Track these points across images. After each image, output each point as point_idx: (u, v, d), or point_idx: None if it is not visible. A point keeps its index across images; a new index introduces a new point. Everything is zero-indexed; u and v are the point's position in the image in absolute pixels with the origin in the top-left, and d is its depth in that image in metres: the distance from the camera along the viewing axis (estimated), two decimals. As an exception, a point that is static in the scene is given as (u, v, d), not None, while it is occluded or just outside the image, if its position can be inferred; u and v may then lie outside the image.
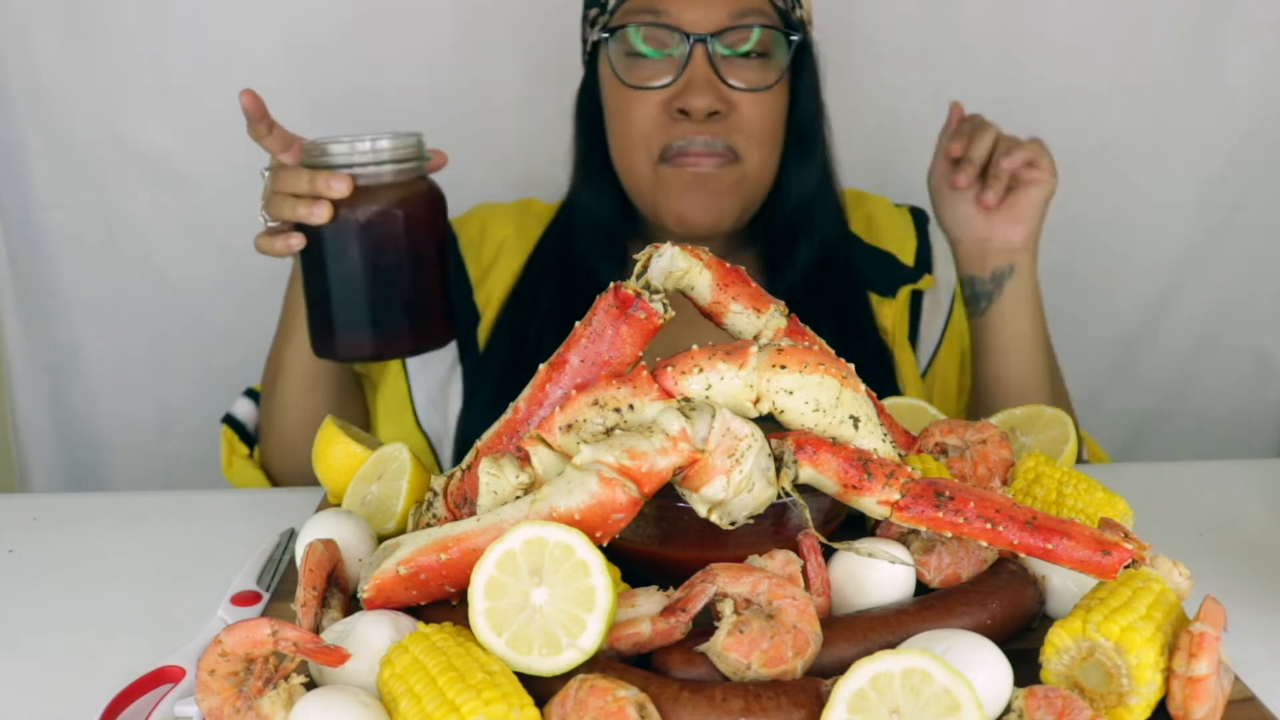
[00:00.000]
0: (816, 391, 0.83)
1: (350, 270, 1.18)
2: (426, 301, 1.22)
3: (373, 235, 1.17)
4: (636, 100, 1.32)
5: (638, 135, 1.34)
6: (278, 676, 0.74)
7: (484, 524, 0.79)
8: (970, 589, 0.84)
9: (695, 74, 1.29)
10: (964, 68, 1.85)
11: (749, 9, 1.31)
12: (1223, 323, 1.99)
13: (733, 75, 1.30)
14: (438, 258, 1.23)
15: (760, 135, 1.33)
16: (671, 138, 1.32)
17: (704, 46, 1.29)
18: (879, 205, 1.55)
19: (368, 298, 1.19)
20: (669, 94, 1.31)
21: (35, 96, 1.80)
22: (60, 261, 1.88)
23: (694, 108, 1.29)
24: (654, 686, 0.73)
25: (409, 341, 1.23)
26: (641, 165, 1.35)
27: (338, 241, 1.17)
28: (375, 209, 1.16)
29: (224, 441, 1.44)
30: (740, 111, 1.31)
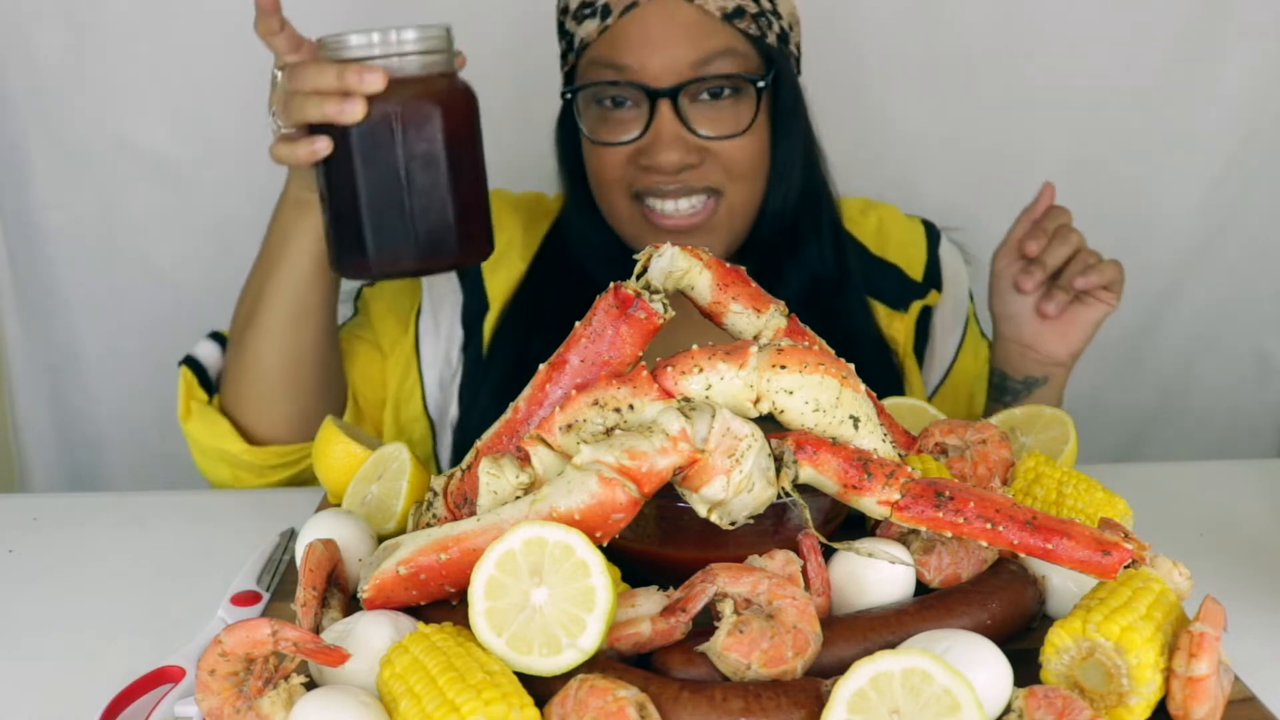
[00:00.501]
0: (816, 391, 0.83)
1: (387, 175, 1.07)
2: (471, 206, 1.12)
3: (412, 133, 1.07)
4: (607, 152, 1.29)
5: (610, 181, 1.30)
6: (278, 676, 0.74)
7: (484, 524, 0.79)
8: (970, 589, 0.84)
9: (662, 130, 1.24)
10: (964, 68, 1.85)
11: (714, 52, 1.24)
12: (1223, 323, 1.99)
13: (703, 123, 1.25)
14: (477, 161, 1.13)
15: (741, 172, 1.29)
16: (644, 183, 1.28)
17: (668, 101, 1.23)
18: (889, 214, 1.52)
19: (409, 204, 1.08)
20: (636, 148, 1.27)
21: (35, 96, 1.80)
22: (60, 261, 1.88)
23: (662, 165, 1.24)
24: (654, 686, 0.73)
25: (455, 252, 1.13)
26: (619, 204, 1.32)
27: (372, 141, 1.07)
28: (414, 104, 1.06)
29: (182, 385, 1.33)
30: (715, 155, 1.27)
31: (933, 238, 1.50)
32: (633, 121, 1.26)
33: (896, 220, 1.51)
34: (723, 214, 1.30)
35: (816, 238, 1.37)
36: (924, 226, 1.51)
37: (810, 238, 1.37)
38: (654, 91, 1.23)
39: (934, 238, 1.51)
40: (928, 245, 1.49)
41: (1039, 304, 1.29)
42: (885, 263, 1.46)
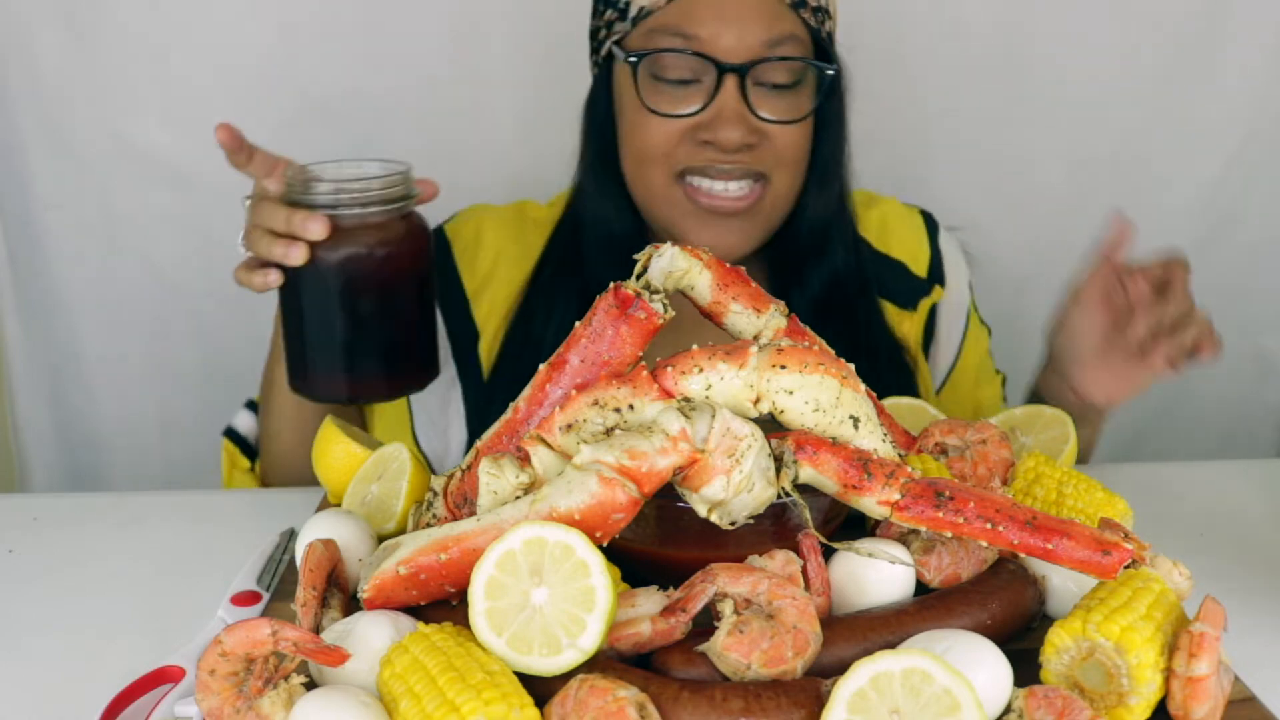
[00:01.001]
0: (816, 391, 0.83)
1: (326, 313, 1.14)
2: (405, 345, 1.18)
3: (350, 279, 1.12)
4: (658, 123, 1.26)
5: (657, 154, 1.27)
6: (278, 676, 0.74)
7: (484, 524, 0.79)
8: (970, 589, 0.84)
9: (725, 106, 1.23)
10: (964, 69, 1.85)
11: (784, 36, 1.24)
12: (1223, 322, 1.99)
13: (763, 106, 1.24)
14: (419, 297, 1.18)
15: (790, 160, 1.28)
16: (695, 161, 1.26)
17: (736, 78, 1.22)
18: (890, 208, 1.51)
19: (343, 341, 1.15)
20: (695, 122, 1.25)
21: (35, 96, 1.80)
22: (60, 261, 1.88)
23: (724, 141, 1.23)
24: (654, 686, 0.73)
25: (384, 386, 1.19)
26: (658, 182, 1.29)
27: (313, 284, 1.13)
28: (353, 251, 1.11)
29: (225, 455, 1.42)
30: (771, 140, 1.26)
31: (932, 229, 1.50)
32: (692, 97, 1.25)
33: (898, 214, 1.51)
34: (766, 201, 1.29)
35: (842, 242, 1.37)
36: (923, 217, 1.51)
37: (837, 241, 1.37)
38: (724, 66, 1.22)
39: (933, 229, 1.50)
40: (929, 238, 1.49)
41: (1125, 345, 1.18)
42: (890, 259, 1.46)
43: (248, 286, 1.15)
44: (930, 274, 1.46)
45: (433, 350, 1.22)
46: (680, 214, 1.29)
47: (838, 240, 1.37)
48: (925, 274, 1.46)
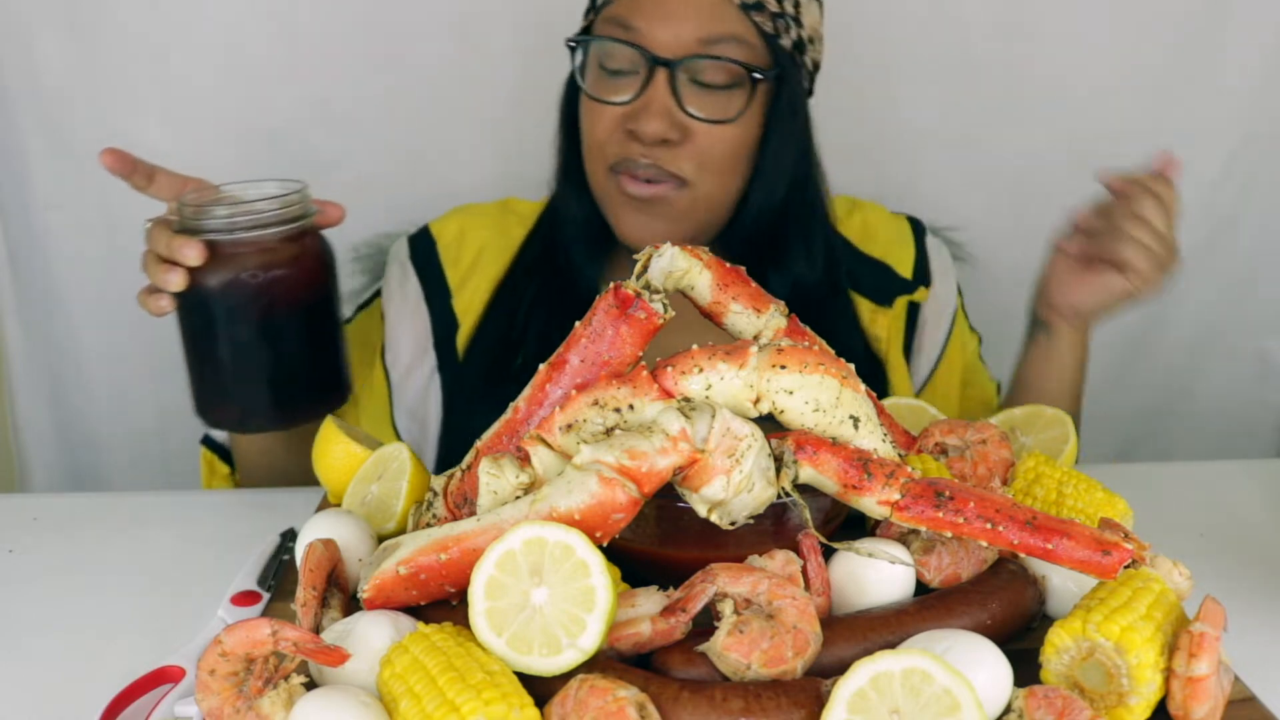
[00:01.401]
0: (816, 391, 0.83)
1: (207, 341, 1.12)
2: (296, 372, 1.15)
3: (231, 305, 1.10)
4: (597, 111, 1.28)
5: (594, 144, 1.30)
6: (278, 676, 0.74)
7: (484, 524, 0.79)
8: (970, 589, 0.84)
9: (653, 99, 1.24)
10: (964, 68, 1.85)
11: (724, 35, 1.23)
12: (1223, 323, 2.00)
13: (693, 103, 1.24)
14: (312, 322, 1.15)
15: (715, 164, 1.27)
16: (622, 153, 1.27)
17: (667, 72, 1.23)
18: (874, 213, 1.51)
19: (229, 369, 1.13)
20: (625, 112, 1.26)
21: (35, 96, 1.80)
22: (60, 261, 1.88)
23: (644, 133, 1.24)
24: (654, 686, 0.73)
25: (275, 414, 1.16)
26: (597, 173, 1.31)
27: (197, 310, 1.11)
28: (232, 277, 1.09)
29: (203, 463, 1.43)
30: (694, 140, 1.25)
31: (919, 233, 1.51)
32: (628, 87, 1.26)
33: (882, 218, 1.51)
34: (687, 201, 1.28)
35: (805, 247, 1.36)
36: (910, 223, 1.52)
37: (798, 246, 1.35)
38: (655, 58, 1.23)
39: (920, 233, 1.51)
40: (915, 241, 1.50)
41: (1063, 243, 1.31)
42: (873, 259, 1.46)
43: (146, 310, 1.14)
44: (916, 275, 1.47)
45: (334, 375, 1.19)
46: (612, 203, 1.31)
47: (798, 244, 1.35)
48: (910, 274, 1.47)
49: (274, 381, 1.13)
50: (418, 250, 1.46)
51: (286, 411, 1.16)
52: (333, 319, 1.19)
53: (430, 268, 1.44)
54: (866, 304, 1.44)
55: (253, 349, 1.12)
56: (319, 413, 1.16)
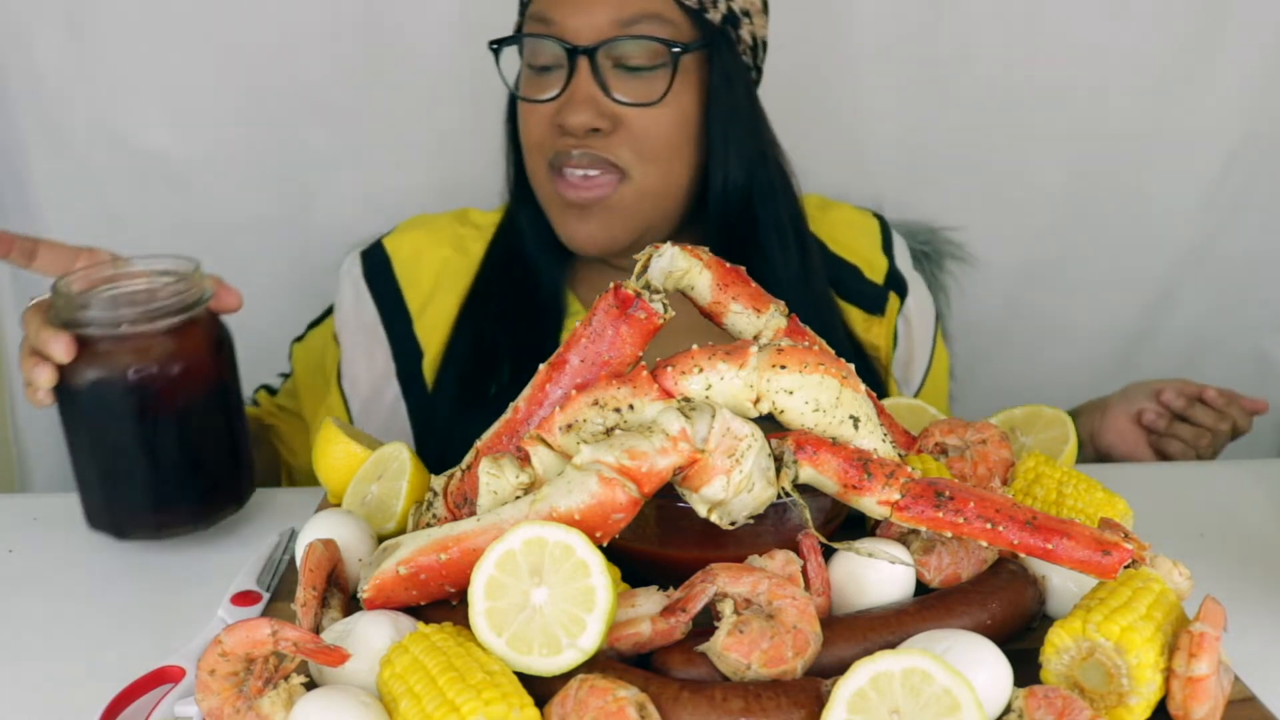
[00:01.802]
0: (816, 391, 0.83)
1: (80, 441, 1.02)
2: (179, 482, 1.04)
3: (101, 407, 1.00)
4: (530, 111, 1.26)
5: (532, 145, 1.27)
6: (278, 676, 0.74)
7: (484, 524, 0.79)
8: (970, 589, 0.84)
9: (577, 89, 1.21)
10: (964, 68, 1.85)
11: (640, 15, 1.21)
12: (1223, 323, 2.00)
13: (620, 89, 1.22)
14: (196, 427, 1.04)
15: (652, 151, 1.24)
16: (558, 149, 1.24)
17: (586, 60, 1.20)
18: (843, 213, 1.48)
19: (103, 475, 1.02)
20: (553, 108, 1.24)
21: (35, 96, 1.80)
22: (60, 261, 1.88)
23: (570, 125, 1.21)
24: (654, 686, 0.73)
25: (149, 524, 1.05)
26: (538, 175, 1.28)
27: (67, 407, 1.02)
28: (102, 376, 0.99)
29: None
30: (627, 126, 1.23)
31: (886, 235, 1.47)
32: (554, 82, 1.24)
33: (851, 218, 1.48)
34: (628, 195, 1.25)
35: (778, 235, 1.32)
36: (877, 222, 1.48)
37: (771, 234, 1.31)
38: (573, 48, 1.21)
39: (887, 234, 1.47)
40: (883, 243, 1.46)
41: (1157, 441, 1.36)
42: (846, 262, 1.42)
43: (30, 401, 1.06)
44: (888, 282, 1.43)
45: (229, 479, 1.08)
46: (550, 204, 1.29)
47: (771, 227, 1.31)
48: (882, 281, 1.43)
49: (154, 490, 1.03)
50: (372, 269, 1.40)
51: (169, 523, 1.05)
52: (225, 416, 1.07)
53: (387, 289, 1.39)
54: (858, 313, 1.40)
55: (129, 454, 1.01)
56: (210, 521, 1.07)
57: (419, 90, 1.82)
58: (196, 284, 1.04)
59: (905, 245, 1.50)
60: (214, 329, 1.07)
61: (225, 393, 1.07)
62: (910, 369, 1.46)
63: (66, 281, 1.02)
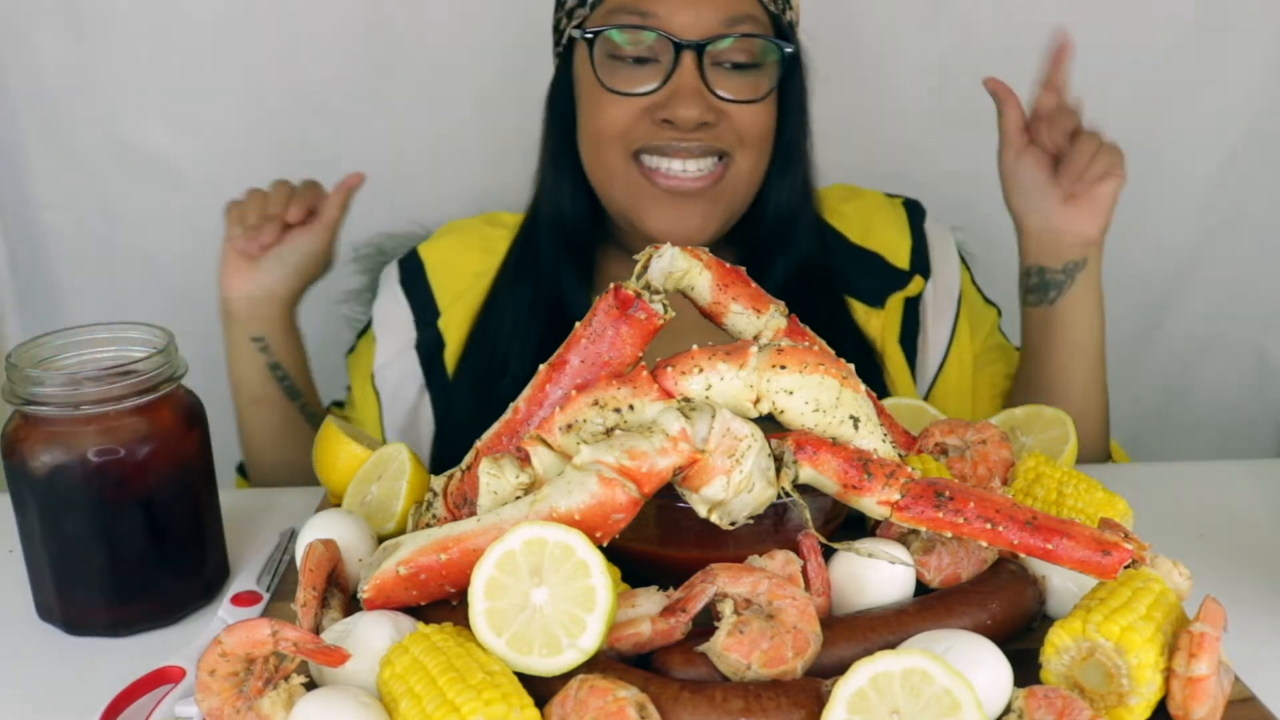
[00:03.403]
0: (816, 391, 0.83)
1: (30, 526, 0.93)
2: (135, 575, 0.94)
3: (55, 492, 0.90)
4: (615, 103, 1.26)
5: (613, 133, 1.27)
6: (278, 677, 0.74)
7: (484, 524, 0.79)
8: (970, 589, 0.84)
9: (683, 83, 1.23)
10: (963, 67, 1.84)
11: (742, 15, 1.24)
12: (1223, 323, 2.00)
13: (721, 85, 1.24)
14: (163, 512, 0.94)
15: (751, 140, 1.28)
16: (653, 140, 1.25)
17: (693, 55, 1.22)
18: (871, 200, 1.50)
19: (51, 564, 0.93)
20: (652, 101, 1.24)
21: (35, 96, 1.80)
22: (60, 261, 1.88)
23: (681, 119, 1.22)
24: (654, 686, 0.73)
25: (104, 623, 0.94)
26: (615, 163, 1.28)
27: (14, 490, 0.92)
28: (60, 460, 0.89)
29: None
30: (730, 119, 1.26)
31: (916, 219, 1.48)
32: (650, 75, 1.24)
33: (879, 205, 1.49)
34: (728, 181, 1.28)
35: (806, 232, 1.37)
36: (906, 208, 1.49)
37: (802, 230, 1.37)
38: (681, 43, 1.22)
39: (918, 218, 1.49)
40: (911, 228, 1.47)
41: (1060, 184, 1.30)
42: (867, 252, 1.44)
43: None
44: (912, 264, 1.45)
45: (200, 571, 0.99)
46: (638, 195, 1.29)
47: (803, 229, 1.37)
48: (906, 264, 1.45)
49: (112, 585, 0.93)
50: (407, 274, 1.45)
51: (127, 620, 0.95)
52: (195, 501, 0.97)
53: (420, 291, 1.43)
54: (859, 306, 1.42)
55: (86, 545, 0.92)
56: (173, 619, 0.97)
57: (421, 91, 1.82)
58: (170, 358, 0.94)
59: (947, 233, 1.51)
60: (187, 404, 0.97)
61: (196, 474, 0.97)
62: (926, 355, 1.46)
63: (21, 353, 0.93)
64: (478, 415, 1.28)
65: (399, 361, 1.42)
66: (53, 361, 0.95)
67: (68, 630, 0.95)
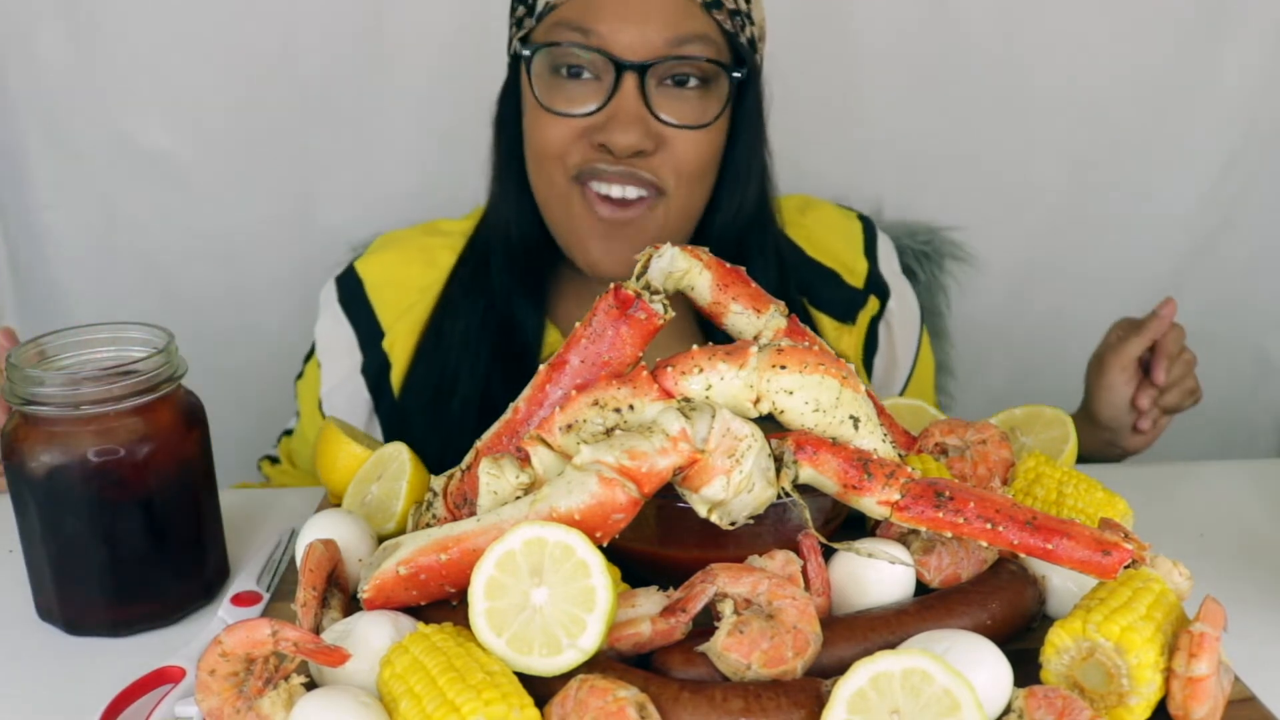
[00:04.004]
0: (816, 391, 0.83)
1: (30, 527, 0.93)
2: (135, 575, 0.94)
3: (55, 493, 0.90)
4: (554, 123, 1.19)
5: (551, 155, 1.21)
6: (278, 677, 0.74)
7: (484, 524, 0.79)
8: (970, 589, 0.84)
9: (623, 107, 1.16)
10: (963, 67, 1.85)
11: (691, 35, 1.16)
12: (1223, 323, 2.00)
13: (665, 108, 1.17)
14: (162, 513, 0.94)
15: (690, 173, 1.21)
16: (589, 162, 1.19)
17: (635, 77, 1.15)
18: (826, 213, 1.46)
19: (51, 565, 0.93)
20: (591, 123, 1.18)
21: (36, 96, 1.80)
22: (60, 261, 1.88)
23: (617, 145, 1.15)
24: (654, 686, 0.73)
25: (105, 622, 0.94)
26: (556, 181, 1.22)
27: (15, 491, 0.92)
28: (60, 460, 0.89)
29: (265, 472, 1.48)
30: (670, 147, 1.19)
31: (870, 238, 1.44)
32: (590, 95, 1.18)
33: (833, 218, 1.45)
34: (661, 216, 1.22)
35: (762, 258, 1.30)
36: (860, 224, 1.45)
37: (756, 258, 1.29)
38: (622, 64, 1.15)
39: (871, 238, 1.44)
40: (865, 246, 1.43)
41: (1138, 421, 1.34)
42: (822, 267, 1.40)
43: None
44: (868, 285, 1.41)
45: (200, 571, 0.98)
46: (575, 222, 1.23)
47: (756, 253, 1.30)
48: (862, 285, 1.41)
49: (113, 585, 0.93)
50: (345, 291, 1.40)
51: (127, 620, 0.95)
52: (195, 501, 0.97)
53: (361, 311, 1.38)
54: (829, 321, 1.38)
55: (87, 545, 0.91)
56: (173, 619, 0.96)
57: (419, 92, 1.82)
58: (170, 358, 0.94)
59: (893, 247, 1.48)
60: (187, 404, 0.97)
61: (196, 474, 0.97)
62: (893, 374, 1.44)
63: (21, 353, 0.93)
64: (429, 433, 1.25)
65: (345, 386, 1.37)
66: (53, 361, 0.95)
67: (68, 630, 0.95)
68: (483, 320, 1.30)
